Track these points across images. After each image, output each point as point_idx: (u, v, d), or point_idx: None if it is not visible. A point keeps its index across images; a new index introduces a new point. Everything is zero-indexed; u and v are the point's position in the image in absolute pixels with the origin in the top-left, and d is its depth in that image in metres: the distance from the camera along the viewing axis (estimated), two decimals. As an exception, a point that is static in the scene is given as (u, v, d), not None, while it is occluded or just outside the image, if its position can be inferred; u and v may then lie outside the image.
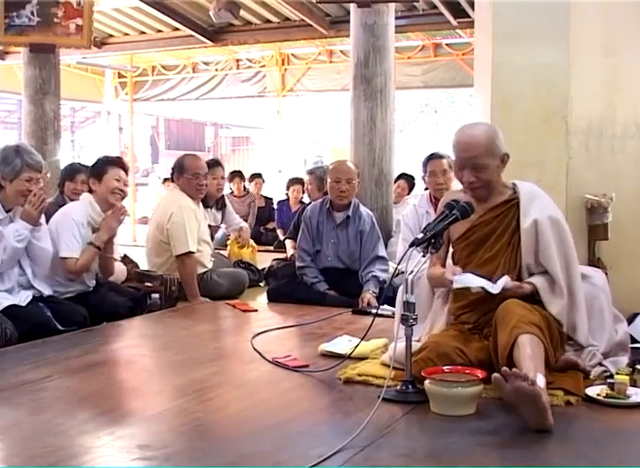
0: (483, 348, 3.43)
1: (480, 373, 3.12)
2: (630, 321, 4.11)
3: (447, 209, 3.43)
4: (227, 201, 7.53)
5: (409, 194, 9.57)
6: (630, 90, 4.42)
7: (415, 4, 10.33)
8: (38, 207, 4.58)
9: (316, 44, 13.07)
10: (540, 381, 2.95)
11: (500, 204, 3.66)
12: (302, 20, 11.07)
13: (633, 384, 3.33)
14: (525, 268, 3.57)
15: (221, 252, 7.47)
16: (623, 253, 4.59)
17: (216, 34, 11.97)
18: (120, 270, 5.83)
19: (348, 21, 8.22)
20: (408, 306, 3.23)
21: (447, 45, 12.78)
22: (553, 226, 3.55)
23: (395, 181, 8.93)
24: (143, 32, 12.53)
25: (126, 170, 5.34)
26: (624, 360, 3.53)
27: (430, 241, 3.24)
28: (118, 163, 5.31)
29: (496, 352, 3.31)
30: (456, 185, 6.56)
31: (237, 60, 14.26)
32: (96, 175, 5.23)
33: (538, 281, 3.49)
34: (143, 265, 6.26)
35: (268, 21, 11.66)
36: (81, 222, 5.05)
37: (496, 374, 2.88)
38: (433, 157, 6.14)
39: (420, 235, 3.27)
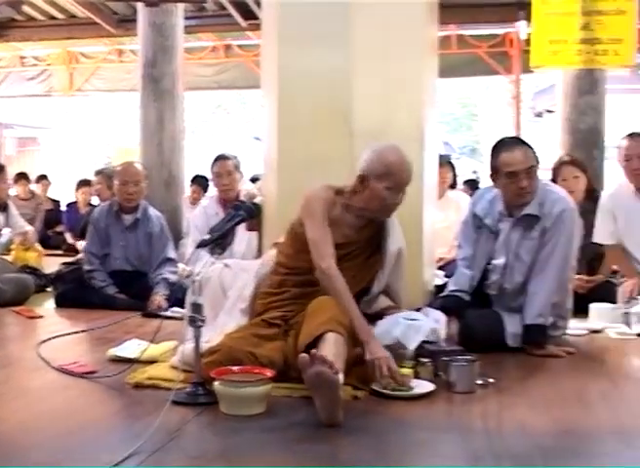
0: (275, 348, 3.45)
1: (269, 373, 3.15)
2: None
3: (233, 209, 3.46)
4: (10, 204, 7.25)
5: (204, 195, 9.56)
6: (412, 92, 4.55)
7: (204, 5, 10.31)
8: None
9: (105, 43, 12.81)
10: (340, 378, 3.01)
11: (372, 221, 3.81)
12: (89, 18, 10.81)
13: (417, 376, 3.47)
14: (375, 288, 3.81)
15: (5, 257, 7.19)
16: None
17: (-4, 29, 11.49)
18: None
19: (137, 20, 8.11)
20: (196, 308, 3.22)
21: (238, 46, 12.85)
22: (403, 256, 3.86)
23: (192, 184, 8.91)
24: None
25: None
26: (410, 353, 3.65)
27: (217, 242, 3.25)
28: None
29: (296, 341, 3.36)
30: (247, 185, 6.63)
31: (22, 58, 13.75)
32: None
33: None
34: None
35: (53, 18, 11.32)
36: None
37: (303, 355, 2.90)
38: (219, 158, 6.15)
39: (207, 236, 3.27)
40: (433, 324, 3.76)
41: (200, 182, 9.67)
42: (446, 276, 5.28)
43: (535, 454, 2.67)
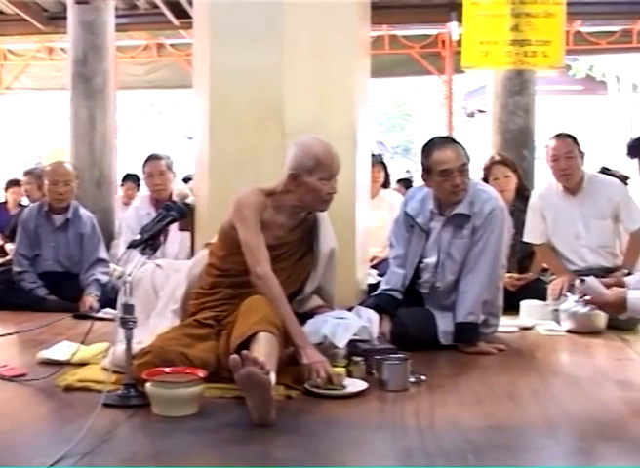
0: (207, 348, 3.44)
1: (201, 373, 3.14)
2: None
3: (164, 209, 3.43)
4: None
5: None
6: (344, 92, 4.56)
7: (135, 3, 10.22)
8: None
9: (34, 40, 12.59)
10: (272, 378, 3.02)
11: (303, 221, 3.84)
12: (18, 15, 10.60)
13: (350, 375, 3.49)
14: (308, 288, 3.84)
15: None
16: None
17: None
18: None
19: (67, 18, 8.00)
20: (127, 309, 3.19)
21: (170, 45, 12.73)
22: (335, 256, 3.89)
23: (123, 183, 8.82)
24: None
25: None
26: (342, 352, 3.67)
27: (148, 242, 3.23)
28: None
29: (229, 341, 3.35)
30: (179, 185, 6.59)
31: (-52, 54, 13.47)
32: None
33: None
34: None
35: (-20, 14, 11.10)
36: None
37: (234, 356, 2.89)
38: (151, 158, 6.10)
39: (138, 236, 3.25)
40: (362, 322, 3.78)
41: (132, 180, 9.56)
42: (379, 275, 5.31)
43: (466, 450, 2.70)
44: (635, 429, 2.96)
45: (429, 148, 4.28)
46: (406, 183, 10.41)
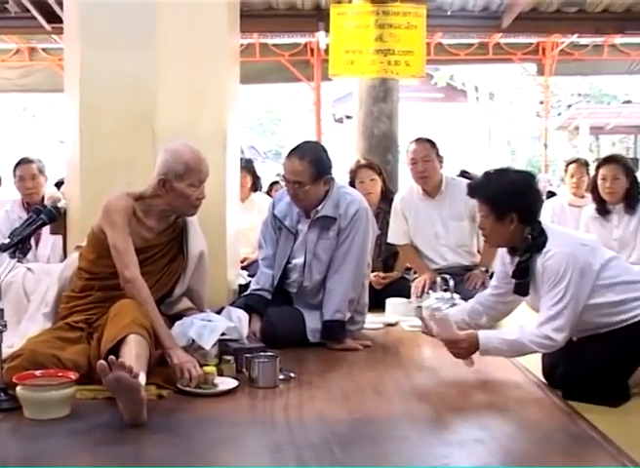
0: (79, 351, 3.38)
1: (73, 375, 3.09)
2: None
3: (34, 213, 3.35)
4: None
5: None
6: (215, 97, 4.53)
7: (5, 6, 9.90)
8: None
9: None
10: (142, 379, 3.00)
11: (172, 224, 3.80)
12: None
13: (220, 374, 3.48)
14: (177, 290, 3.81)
15: None
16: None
17: None
18: None
19: None
20: (-4, 313, 3.10)
21: (43, 49, 12.47)
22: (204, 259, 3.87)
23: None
24: None
25: None
26: (214, 352, 3.65)
27: (18, 245, 3.15)
28: None
29: (100, 345, 3.30)
30: (51, 189, 6.42)
31: None
32: None
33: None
34: None
35: None
36: None
37: (101, 361, 2.86)
38: (22, 162, 5.92)
39: (7, 240, 3.17)
40: (229, 323, 3.77)
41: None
42: (250, 275, 5.30)
43: (332, 441, 2.75)
44: (492, 414, 3.10)
45: (287, 155, 4.35)
46: (277, 186, 10.43)
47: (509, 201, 3.44)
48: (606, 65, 13.31)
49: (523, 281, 3.52)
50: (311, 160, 4.22)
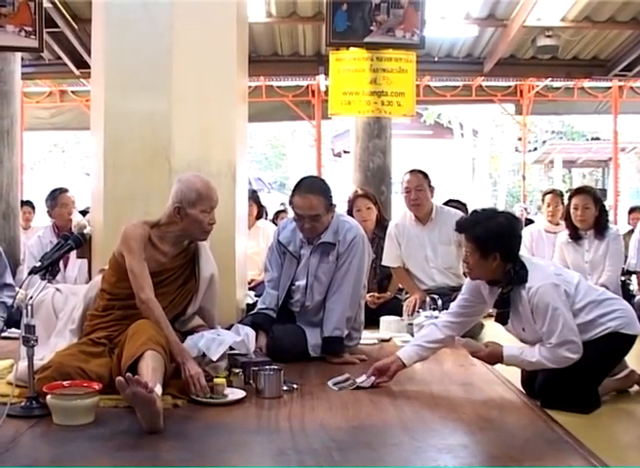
0: (102, 364, 3.39)
1: (97, 386, 3.09)
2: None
3: (63, 239, 3.36)
4: None
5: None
6: (225, 134, 4.55)
7: (41, 54, 9.98)
8: None
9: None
10: (158, 390, 3.01)
11: (185, 249, 3.78)
12: None
13: (230, 385, 3.46)
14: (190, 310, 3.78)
15: None
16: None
17: None
18: None
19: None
20: (28, 329, 3.11)
21: (72, 92, 12.59)
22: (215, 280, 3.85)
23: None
24: None
25: None
26: (223, 365, 3.64)
27: (48, 268, 3.17)
28: None
29: (120, 359, 3.31)
30: (77, 217, 6.43)
31: None
32: None
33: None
34: None
35: None
36: None
37: (119, 378, 2.86)
38: (62, 191, 5.96)
39: (39, 263, 3.17)
40: (236, 337, 3.75)
41: (29, 205, 9.15)
42: (256, 295, 5.30)
43: (332, 447, 2.73)
44: (476, 422, 3.06)
45: (294, 190, 4.32)
46: (282, 215, 10.44)
47: (494, 243, 3.43)
48: (576, 106, 13.43)
49: (504, 310, 3.51)
50: (321, 192, 4.23)
